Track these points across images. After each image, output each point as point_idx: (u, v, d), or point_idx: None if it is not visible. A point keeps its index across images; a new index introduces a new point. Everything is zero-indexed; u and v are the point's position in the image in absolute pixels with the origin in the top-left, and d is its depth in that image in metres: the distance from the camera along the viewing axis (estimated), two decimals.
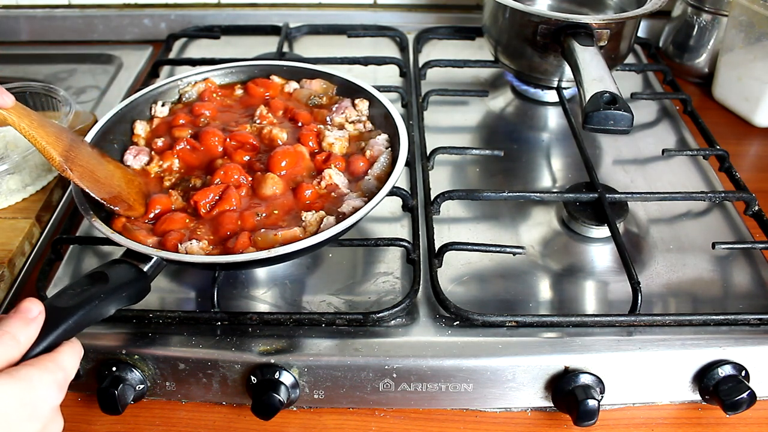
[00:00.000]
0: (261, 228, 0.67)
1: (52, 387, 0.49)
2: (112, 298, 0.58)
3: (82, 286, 0.58)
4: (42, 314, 0.51)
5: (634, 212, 0.83)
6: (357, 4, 1.30)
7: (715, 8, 1.09)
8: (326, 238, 0.63)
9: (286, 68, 0.89)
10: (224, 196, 0.70)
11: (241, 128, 0.80)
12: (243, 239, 0.65)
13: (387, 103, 0.80)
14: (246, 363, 0.65)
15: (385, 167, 0.74)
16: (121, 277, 0.60)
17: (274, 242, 0.65)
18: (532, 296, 0.73)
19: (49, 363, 0.50)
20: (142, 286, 0.62)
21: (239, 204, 0.70)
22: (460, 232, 0.80)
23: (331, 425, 0.68)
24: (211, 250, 0.66)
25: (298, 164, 0.75)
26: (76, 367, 0.53)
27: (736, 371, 0.65)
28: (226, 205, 0.69)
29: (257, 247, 0.65)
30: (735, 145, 1.00)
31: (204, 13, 1.28)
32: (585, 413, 0.62)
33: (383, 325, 0.68)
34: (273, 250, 0.62)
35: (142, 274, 0.61)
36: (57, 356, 0.51)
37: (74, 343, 0.54)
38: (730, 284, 0.74)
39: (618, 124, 0.73)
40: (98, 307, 0.57)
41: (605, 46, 0.88)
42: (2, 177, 0.84)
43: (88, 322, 0.56)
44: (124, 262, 0.62)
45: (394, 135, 0.77)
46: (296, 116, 0.82)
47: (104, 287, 0.58)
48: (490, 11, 0.99)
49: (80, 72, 1.19)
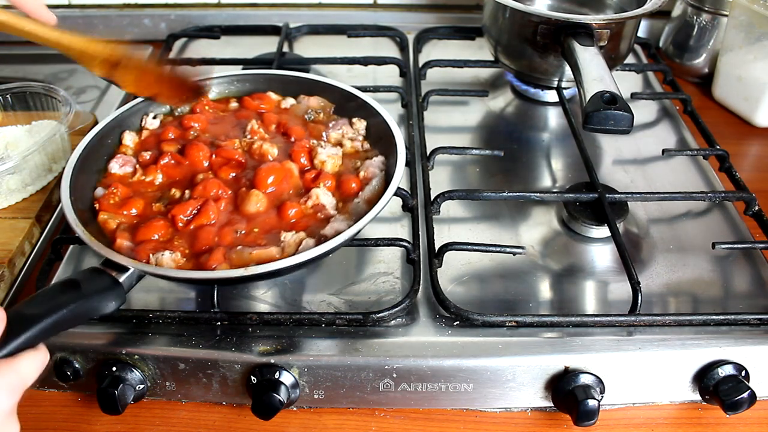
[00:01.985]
0: (238, 245, 0.66)
1: (2, 391, 0.48)
2: (82, 306, 0.57)
3: (53, 293, 0.57)
4: (2, 321, 0.50)
5: (634, 212, 0.83)
6: (357, 4, 1.30)
7: (715, 8, 1.09)
8: (301, 261, 0.62)
9: (282, 77, 0.87)
10: (202, 210, 0.69)
11: (229, 143, 0.78)
12: (217, 255, 0.64)
13: (385, 113, 0.79)
14: (246, 363, 0.65)
15: (377, 190, 0.72)
16: (94, 286, 0.59)
17: (248, 261, 0.63)
18: (532, 296, 0.73)
19: (3, 367, 0.49)
20: (116, 296, 0.60)
21: (218, 219, 0.69)
22: (460, 232, 0.80)
23: (331, 425, 0.68)
24: (184, 263, 0.65)
25: (286, 181, 0.73)
26: (36, 373, 0.52)
27: (736, 371, 0.65)
28: (204, 219, 0.68)
29: (231, 264, 0.64)
30: (735, 145, 1.00)
31: (204, 13, 1.28)
32: (585, 413, 0.62)
33: (383, 325, 0.68)
34: (245, 269, 0.61)
35: (116, 285, 0.60)
36: (15, 361, 0.50)
37: (38, 350, 0.53)
38: (730, 284, 0.74)
39: (618, 124, 0.73)
40: (67, 315, 0.55)
41: (605, 46, 0.88)
42: (2, 177, 0.84)
43: (57, 329, 0.55)
44: (100, 271, 0.61)
45: (391, 152, 0.75)
46: (289, 131, 0.80)
47: (75, 295, 0.57)
48: (490, 11, 0.99)
49: (80, 72, 1.18)
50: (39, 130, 0.92)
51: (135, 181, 0.75)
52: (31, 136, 0.91)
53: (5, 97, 0.95)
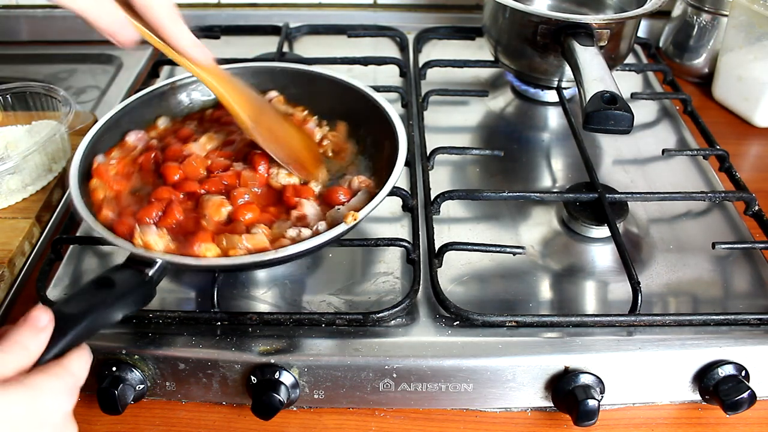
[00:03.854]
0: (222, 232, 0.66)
1: (62, 393, 0.49)
2: (118, 303, 0.58)
3: (89, 291, 0.57)
4: (51, 323, 0.51)
5: (634, 212, 0.83)
6: (357, 4, 1.30)
7: (715, 8, 1.09)
8: (328, 238, 0.63)
9: (281, 69, 0.87)
10: (168, 210, 0.69)
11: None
12: (203, 236, 0.64)
13: (384, 102, 0.79)
14: (246, 363, 0.65)
15: (362, 202, 0.70)
16: (126, 282, 0.60)
17: (237, 245, 0.64)
18: (532, 296, 0.73)
19: (58, 369, 0.50)
20: (148, 291, 0.61)
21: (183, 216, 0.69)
22: (460, 232, 0.80)
23: (331, 425, 0.68)
24: (173, 246, 0.65)
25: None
26: (86, 372, 0.53)
27: (736, 371, 0.65)
28: (171, 219, 0.68)
29: (221, 248, 0.64)
30: (735, 145, 1.00)
31: (204, 13, 1.28)
32: (585, 413, 0.62)
33: (383, 325, 0.68)
34: (275, 251, 0.62)
35: (147, 279, 0.61)
36: (66, 362, 0.51)
37: (83, 349, 0.53)
38: (730, 284, 0.74)
39: (618, 124, 0.73)
40: (105, 313, 0.56)
41: (605, 46, 0.88)
42: (2, 177, 0.84)
43: (96, 328, 0.55)
44: (128, 267, 0.61)
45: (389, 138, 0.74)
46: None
47: (110, 293, 0.58)
48: (490, 11, 0.99)
49: (80, 72, 1.19)
50: (39, 130, 0.92)
51: (135, 157, 0.76)
52: (31, 136, 0.91)
53: (5, 97, 0.95)
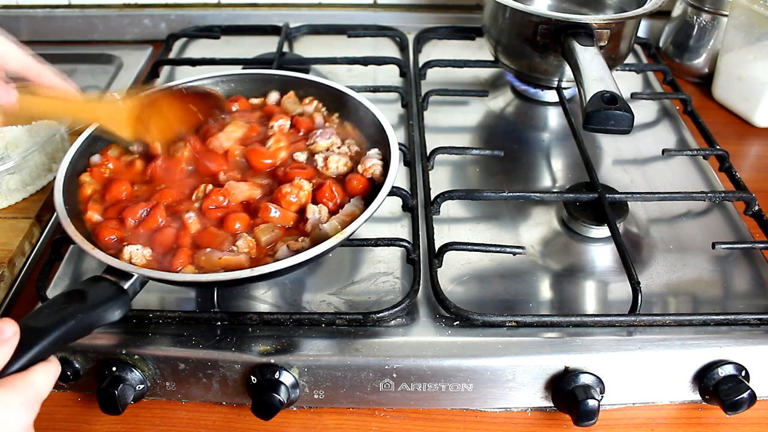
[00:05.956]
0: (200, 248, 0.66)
1: (20, 406, 0.49)
2: (89, 317, 0.57)
3: (59, 304, 0.57)
4: (16, 335, 0.50)
5: (634, 212, 0.83)
6: (357, 4, 1.30)
7: (715, 8, 1.09)
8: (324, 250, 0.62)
9: (279, 77, 0.87)
10: (150, 214, 0.69)
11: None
12: (181, 256, 0.65)
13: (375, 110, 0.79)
14: (246, 363, 0.65)
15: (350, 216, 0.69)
16: (99, 295, 0.59)
17: (216, 265, 0.64)
18: (532, 296, 0.73)
19: (18, 383, 0.50)
20: (121, 304, 0.60)
21: (167, 222, 0.69)
22: (460, 232, 0.80)
23: (331, 425, 0.68)
24: (152, 260, 0.65)
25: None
26: (49, 386, 0.52)
27: (736, 371, 0.65)
28: (153, 224, 0.68)
29: (198, 267, 0.64)
30: (735, 145, 1.00)
31: (204, 13, 1.28)
32: (585, 413, 0.62)
33: (383, 325, 0.68)
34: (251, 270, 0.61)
35: (122, 292, 0.60)
36: (29, 376, 0.50)
37: (49, 363, 0.53)
38: (730, 284, 0.74)
39: (618, 124, 0.73)
40: (75, 326, 0.55)
41: (605, 46, 0.88)
42: (2, 177, 0.84)
43: (65, 341, 0.55)
44: (103, 279, 0.61)
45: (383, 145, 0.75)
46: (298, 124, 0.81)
47: (81, 306, 0.57)
48: (490, 11, 0.99)
49: (80, 72, 1.19)
50: (39, 130, 0.92)
51: (129, 162, 0.76)
52: (31, 136, 0.91)
53: None
